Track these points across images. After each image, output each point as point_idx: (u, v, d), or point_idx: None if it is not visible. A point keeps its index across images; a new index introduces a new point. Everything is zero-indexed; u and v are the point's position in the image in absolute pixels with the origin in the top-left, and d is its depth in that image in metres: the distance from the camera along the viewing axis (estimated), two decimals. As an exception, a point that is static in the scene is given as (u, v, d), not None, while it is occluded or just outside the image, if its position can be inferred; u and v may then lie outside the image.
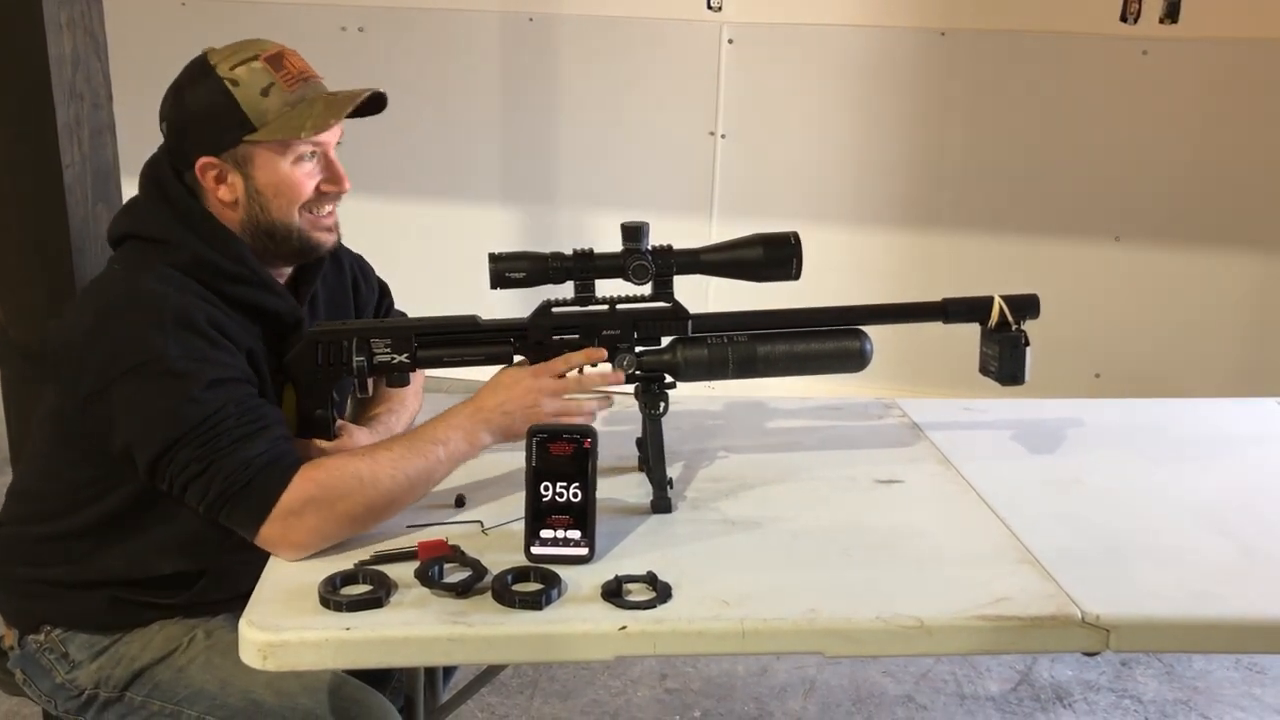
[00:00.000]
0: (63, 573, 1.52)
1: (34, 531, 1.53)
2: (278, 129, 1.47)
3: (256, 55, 1.49)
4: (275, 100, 1.47)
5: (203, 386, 1.37)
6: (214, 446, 1.36)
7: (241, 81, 1.47)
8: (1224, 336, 3.78)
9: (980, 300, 1.61)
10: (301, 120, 1.47)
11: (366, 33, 3.99)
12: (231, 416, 1.37)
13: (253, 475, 1.36)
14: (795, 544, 1.47)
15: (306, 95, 1.50)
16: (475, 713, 2.41)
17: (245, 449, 1.36)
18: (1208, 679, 2.63)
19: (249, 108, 1.47)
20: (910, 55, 3.74)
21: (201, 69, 1.50)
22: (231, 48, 1.52)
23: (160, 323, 1.39)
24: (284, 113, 1.48)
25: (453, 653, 1.28)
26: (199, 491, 1.37)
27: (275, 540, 1.37)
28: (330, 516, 1.38)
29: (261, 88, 1.47)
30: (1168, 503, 1.61)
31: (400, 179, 4.04)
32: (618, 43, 3.89)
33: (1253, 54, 3.53)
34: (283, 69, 1.50)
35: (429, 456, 1.45)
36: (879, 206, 3.88)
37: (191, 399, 1.36)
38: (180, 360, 1.37)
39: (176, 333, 1.39)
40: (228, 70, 1.48)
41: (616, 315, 1.56)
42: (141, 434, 1.38)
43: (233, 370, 1.42)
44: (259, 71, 1.48)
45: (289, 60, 1.52)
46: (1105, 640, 1.29)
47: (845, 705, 2.50)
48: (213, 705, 1.49)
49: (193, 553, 1.50)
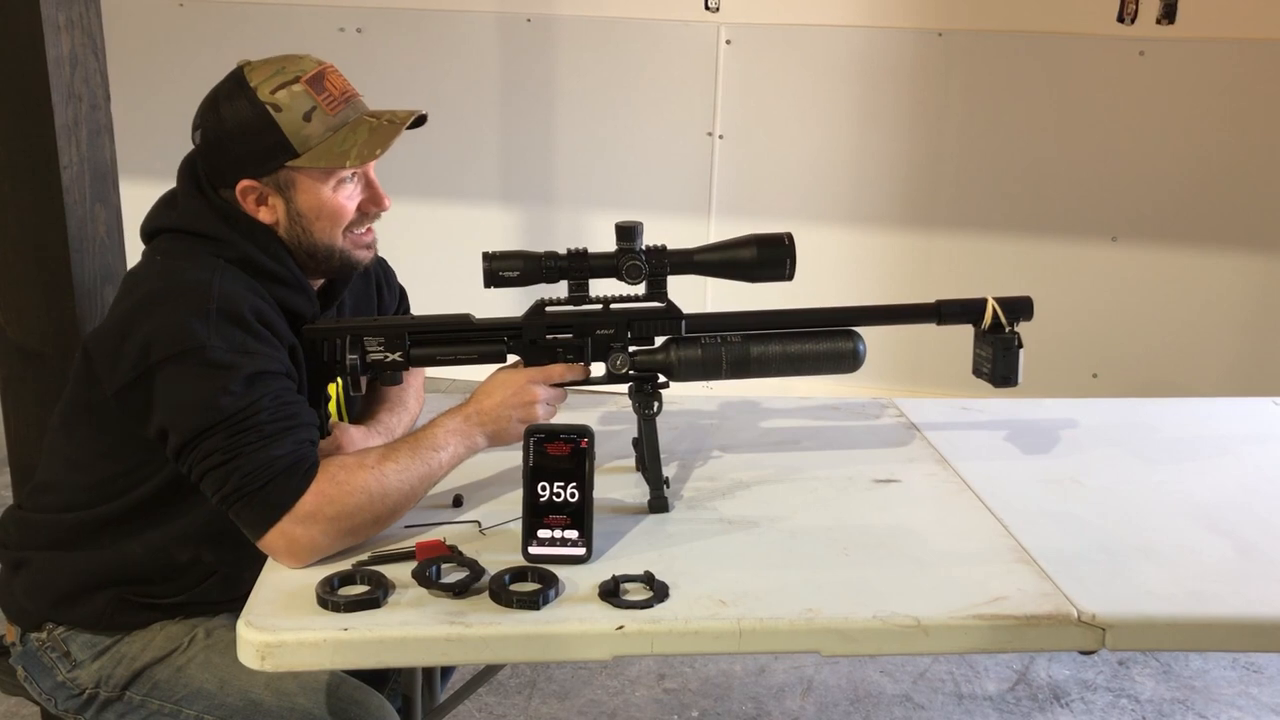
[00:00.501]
0: (82, 562, 1.52)
1: (62, 520, 1.53)
2: (321, 155, 1.46)
3: (298, 77, 1.46)
4: (318, 125, 1.46)
5: (241, 379, 1.37)
6: (242, 440, 1.35)
7: (284, 106, 1.45)
8: (1221, 336, 3.78)
9: (974, 302, 1.61)
10: (346, 147, 1.46)
11: (365, 34, 4.00)
12: (266, 411, 1.37)
13: (272, 477, 1.35)
14: (792, 543, 1.47)
15: (349, 118, 1.49)
16: (473, 713, 2.41)
17: (270, 448, 1.36)
18: (1205, 678, 2.63)
19: (292, 133, 1.45)
20: (908, 56, 3.75)
21: (241, 87, 1.47)
22: (271, 65, 1.48)
23: (204, 311, 1.39)
24: (327, 138, 1.46)
25: (450, 653, 1.28)
26: (216, 481, 1.37)
27: (279, 547, 1.37)
28: (335, 530, 1.38)
29: (304, 112, 1.45)
30: (1165, 502, 1.61)
31: (398, 179, 4.02)
32: (615, 43, 3.89)
33: (1249, 55, 3.54)
34: (324, 91, 1.47)
35: (429, 464, 1.45)
36: (876, 207, 3.89)
37: (229, 391, 1.36)
38: (221, 351, 1.37)
39: (219, 323, 1.38)
40: (269, 94, 1.45)
41: (610, 315, 1.56)
42: (176, 419, 1.38)
43: (274, 363, 1.41)
44: (301, 95, 1.45)
45: (330, 80, 1.49)
46: (1102, 639, 1.30)
47: (843, 705, 2.51)
48: (211, 705, 1.49)
49: (211, 544, 1.50)
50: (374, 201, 1.56)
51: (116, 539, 1.51)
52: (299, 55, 1.50)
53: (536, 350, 1.55)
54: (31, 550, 1.56)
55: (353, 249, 1.55)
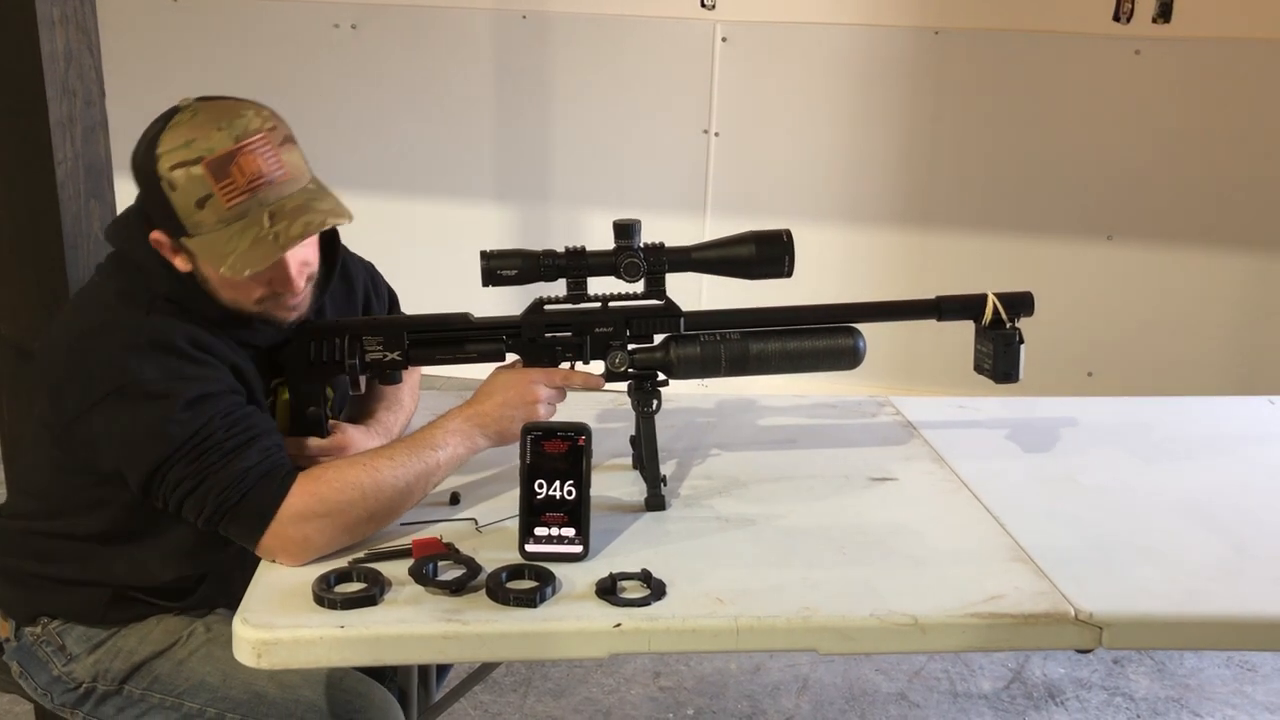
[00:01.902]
0: (66, 570, 1.52)
1: (41, 527, 1.53)
2: (206, 248, 1.37)
3: (202, 158, 1.34)
4: (210, 215, 1.36)
5: (183, 405, 1.35)
6: (205, 462, 1.35)
7: (179, 186, 1.35)
8: (1216, 335, 3.79)
9: (974, 298, 1.61)
10: (227, 250, 1.35)
11: (359, 30, 3.98)
12: (219, 430, 1.36)
13: (248, 488, 1.35)
14: (789, 541, 1.47)
15: (247, 211, 1.36)
16: (469, 710, 2.41)
17: (237, 461, 1.35)
18: (1199, 676, 2.63)
19: (183, 216, 1.37)
20: (904, 54, 3.74)
21: (151, 147, 1.38)
22: (186, 131, 1.36)
23: (135, 345, 1.37)
24: (217, 230, 1.36)
25: (447, 650, 1.28)
26: (195, 507, 1.37)
27: (275, 550, 1.37)
28: (330, 527, 1.38)
29: (198, 198, 1.35)
30: (1160, 501, 1.61)
31: (393, 176, 4.04)
32: (611, 40, 3.89)
33: (1245, 54, 3.54)
34: (227, 178, 1.35)
35: (427, 462, 1.45)
36: (872, 205, 3.89)
37: (174, 419, 1.35)
38: (157, 382, 1.36)
39: (152, 354, 1.37)
40: (167, 169, 1.36)
41: (609, 313, 1.56)
42: (128, 457, 1.38)
43: (215, 384, 1.39)
44: (198, 180, 1.35)
45: (239, 164, 1.35)
46: (1098, 638, 1.30)
47: (838, 703, 2.51)
48: (214, 698, 1.49)
49: (194, 560, 1.50)
50: (281, 285, 1.43)
51: (98, 553, 1.50)
52: (230, 118, 1.37)
53: (535, 349, 1.55)
54: (14, 558, 1.56)
55: (271, 310, 1.46)
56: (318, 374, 1.54)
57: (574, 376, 1.54)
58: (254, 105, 1.42)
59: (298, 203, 1.39)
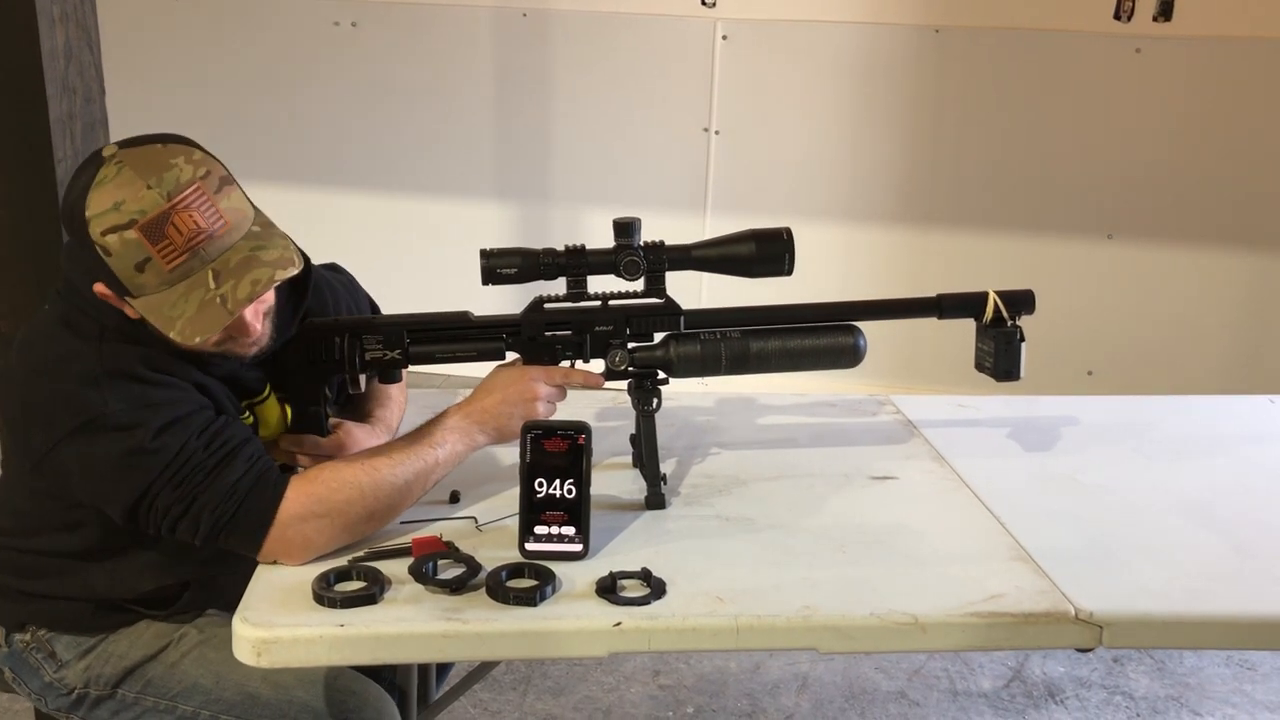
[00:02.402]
0: (47, 585, 1.51)
1: (19, 544, 1.52)
2: (152, 310, 1.31)
3: (134, 221, 1.27)
4: (152, 277, 1.30)
5: (154, 433, 1.32)
6: (191, 484, 1.33)
7: (114, 252, 1.29)
8: (1216, 334, 3.79)
9: (975, 296, 1.61)
10: (174, 314, 1.30)
11: (359, 28, 3.98)
12: (198, 450, 1.34)
13: (241, 499, 1.34)
14: (789, 541, 1.47)
15: (191, 270, 1.30)
16: (468, 709, 2.41)
17: (224, 476, 1.34)
18: (1199, 675, 2.63)
19: (125, 279, 1.30)
20: (905, 52, 3.74)
21: (80, 205, 1.30)
22: (114, 191, 1.28)
23: (92, 377, 1.34)
24: (160, 292, 1.30)
25: (447, 649, 1.28)
26: (189, 528, 1.35)
27: (277, 554, 1.36)
28: (330, 526, 1.37)
29: (136, 262, 1.29)
30: (1160, 500, 1.61)
31: (392, 174, 4.03)
32: (611, 38, 3.88)
33: (1245, 53, 3.54)
34: (164, 240, 1.28)
35: (426, 459, 1.44)
36: (873, 203, 3.89)
37: (147, 449, 1.32)
38: (122, 412, 1.32)
39: (112, 384, 1.33)
40: (99, 234, 1.29)
41: (609, 311, 1.56)
42: (105, 491, 1.36)
43: (183, 405, 1.36)
44: (134, 244, 1.28)
45: (175, 224, 1.28)
46: (1099, 636, 1.30)
47: (838, 701, 2.51)
48: (208, 700, 1.49)
49: (174, 569, 1.49)
50: (238, 332, 1.38)
51: (78, 569, 1.49)
52: (159, 172, 1.29)
53: (535, 347, 1.55)
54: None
55: (231, 349, 1.41)
56: (317, 373, 1.53)
57: (573, 375, 1.54)
58: (184, 149, 1.34)
59: (242, 255, 1.32)
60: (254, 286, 1.31)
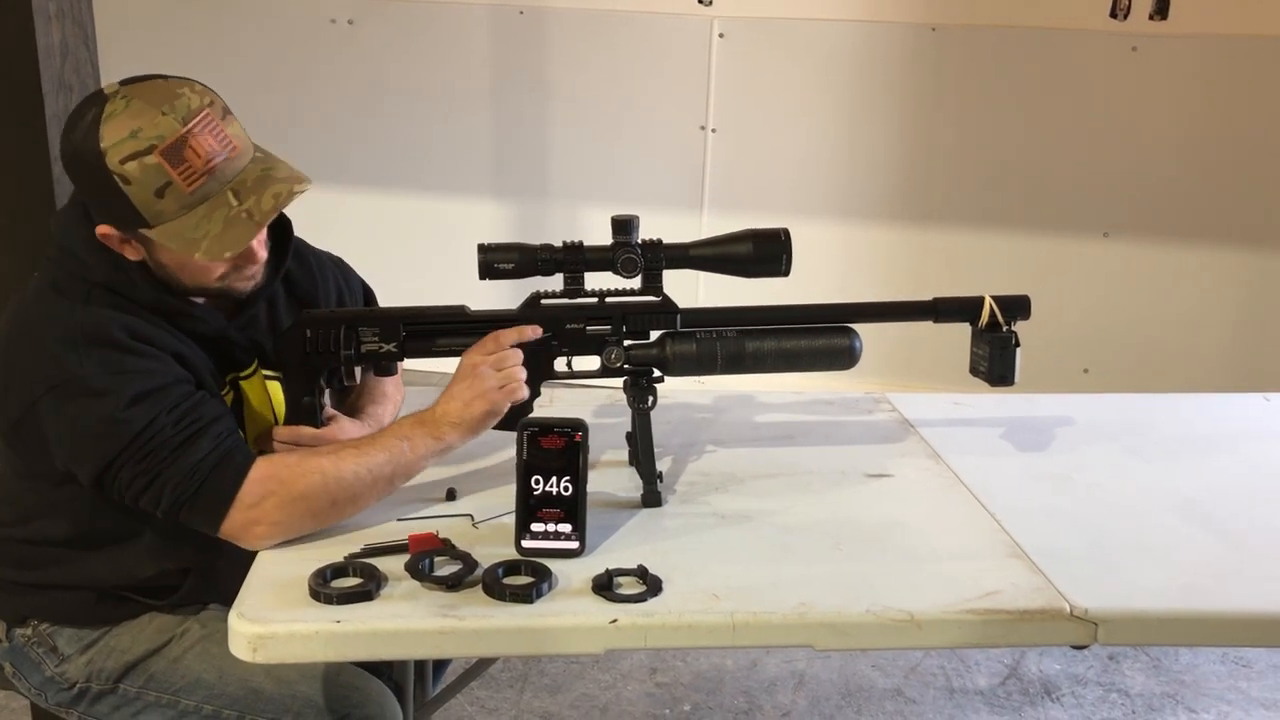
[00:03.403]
0: (47, 575, 1.51)
1: (14, 534, 1.52)
2: (173, 236, 1.34)
3: (153, 146, 1.31)
4: (172, 202, 1.33)
5: (127, 402, 1.33)
6: (155, 459, 1.34)
7: (134, 179, 1.32)
8: (1212, 332, 3.79)
9: (971, 300, 1.61)
10: (198, 235, 1.34)
11: (356, 25, 3.98)
12: (167, 426, 1.35)
13: (203, 478, 1.35)
14: (785, 538, 1.47)
15: (210, 192, 1.35)
16: (465, 706, 2.41)
17: (187, 455, 1.35)
18: (1194, 672, 2.64)
19: (143, 206, 1.33)
20: (901, 50, 3.74)
21: (91, 141, 1.33)
22: (129, 121, 1.32)
23: (72, 340, 1.35)
24: (180, 216, 1.34)
25: (443, 646, 1.28)
26: (151, 501, 1.36)
27: (236, 533, 1.37)
28: (291, 510, 1.37)
29: (156, 188, 1.32)
30: (1156, 497, 1.61)
31: (389, 171, 4.03)
32: (608, 36, 3.88)
33: (1242, 51, 3.55)
34: (183, 163, 1.32)
35: (392, 451, 1.44)
36: (868, 202, 3.89)
37: (118, 418, 1.33)
38: (98, 378, 1.34)
39: (89, 349, 1.35)
40: (118, 163, 1.32)
41: (605, 308, 1.56)
42: (76, 454, 1.37)
43: (159, 377, 1.37)
44: (154, 169, 1.32)
45: (192, 147, 1.33)
46: (1094, 633, 1.30)
47: (834, 699, 2.51)
48: (210, 694, 1.49)
49: (174, 554, 1.49)
50: (245, 258, 1.43)
51: (77, 556, 1.49)
52: (170, 100, 1.34)
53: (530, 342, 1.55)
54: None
55: (230, 285, 1.45)
56: (313, 364, 1.53)
57: (505, 336, 1.49)
58: (186, 82, 1.39)
59: (255, 175, 1.38)
60: (276, 199, 1.37)
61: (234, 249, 1.35)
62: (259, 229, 1.37)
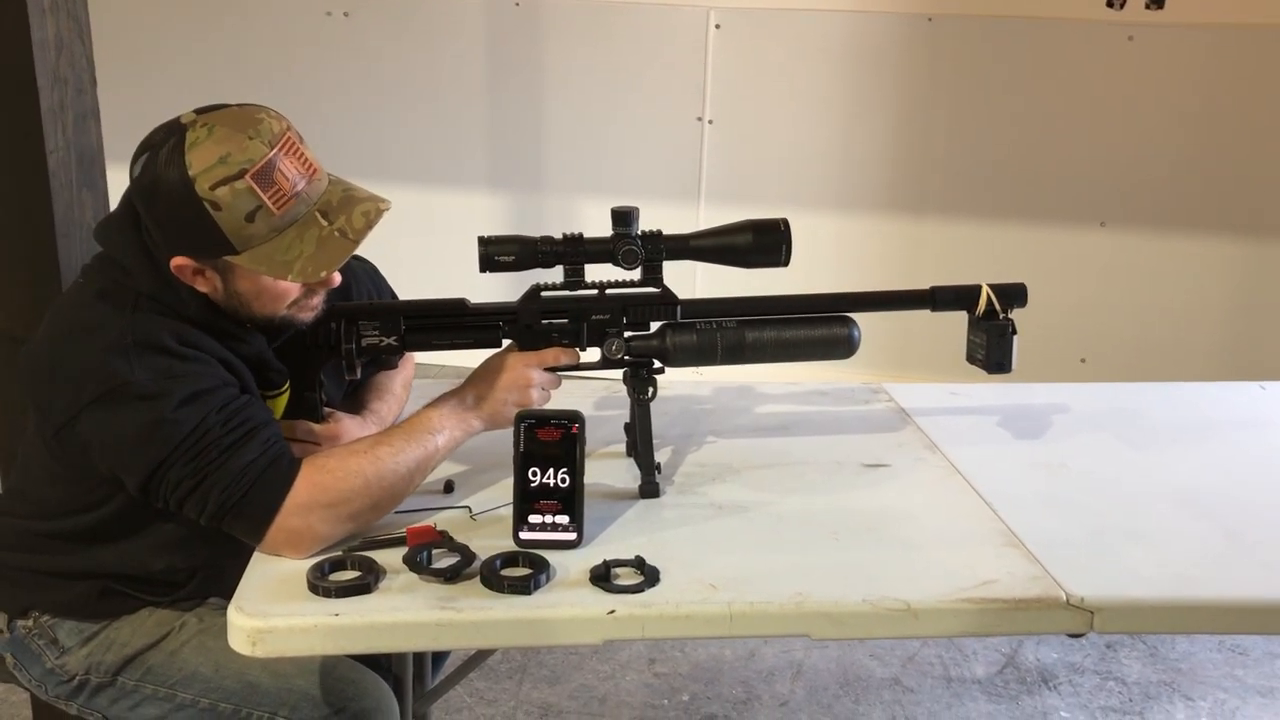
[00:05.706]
0: (57, 563, 1.52)
1: (36, 527, 1.52)
2: (263, 260, 1.35)
3: (244, 170, 1.32)
4: (262, 226, 1.34)
5: (176, 404, 1.33)
6: (204, 460, 1.33)
7: (225, 205, 1.32)
8: (1208, 321, 3.80)
9: (968, 289, 1.61)
10: (290, 257, 1.35)
11: (351, 18, 3.97)
12: (216, 427, 1.34)
13: (251, 483, 1.34)
14: (782, 528, 1.47)
15: (299, 214, 1.36)
16: (464, 697, 2.41)
17: (237, 457, 1.34)
18: (1191, 660, 2.65)
19: (232, 233, 1.34)
20: (897, 41, 3.74)
21: (178, 169, 1.32)
22: (216, 147, 1.32)
23: (121, 347, 1.35)
24: (270, 240, 1.35)
25: (441, 638, 1.29)
26: (196, 505, 1.36)
27: (280, 544, 1.36)
28: (335, 517, 1.37)
29: (247, 213, 1.33)
30: (1152, 486, 1.62)
31: (386, 164, 4.03)
32: (604, 28, 3.88)
33: (1238, 40, 3.54)
34: (273, 186, 1.33)
35: (427, 447, 1.44)
36: (865, 192, 3.89)
37: (167, 420, 1.33)
38: (147, 383, 1.33)
39: (139, 355, 1.35)
40: (208, 189, 1.32)
41: (606, 300, 1.56)
42: (124, 460, 1.36)
43: (208, 379, 1.37)
44: (245, 194, 1.32)
45: (281, 171, 1.34)
46: (1090, 622, 1.31)
47: (832, 688, 2.52)
48: (208, 688, 1.49)
49: (187, 552, 1.50)
50: (322, 283, 1.44)
51: (90, 548, 1.50)
52: (254, 125, 1.35)
53: (532, 335, 1.55)
54: (6, 551, 1.55)
55: (295, 314, 1.46)
56: (314, 358, 1.53)
57: (562, 355, 1.53)
58: (261, 108, 1.39)
59: (339, 196, 1.40)
60: (366, 218, 1.39)
61: (329, 267, 1.36)
62: (354, 246, 1.38)
